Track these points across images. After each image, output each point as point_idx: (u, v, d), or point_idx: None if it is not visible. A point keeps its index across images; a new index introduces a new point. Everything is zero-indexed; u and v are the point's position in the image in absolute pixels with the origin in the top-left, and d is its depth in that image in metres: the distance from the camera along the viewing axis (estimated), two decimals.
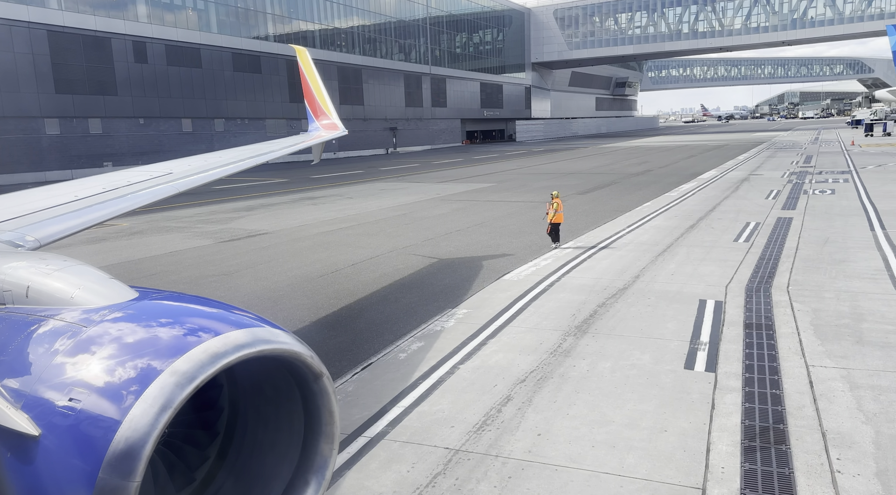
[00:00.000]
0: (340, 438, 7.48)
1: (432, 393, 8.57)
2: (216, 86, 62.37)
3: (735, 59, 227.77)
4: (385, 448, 7.20)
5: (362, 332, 11.39)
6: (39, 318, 2.69)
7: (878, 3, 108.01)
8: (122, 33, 53.18)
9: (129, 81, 54.21)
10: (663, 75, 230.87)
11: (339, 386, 9.02)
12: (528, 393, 8.41)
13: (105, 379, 2.24)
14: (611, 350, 9.87)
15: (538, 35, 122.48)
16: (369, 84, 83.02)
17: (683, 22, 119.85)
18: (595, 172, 44.21)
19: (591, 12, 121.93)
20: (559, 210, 17.98)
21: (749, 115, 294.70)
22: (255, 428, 3.03)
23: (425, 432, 7.51)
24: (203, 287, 14.92)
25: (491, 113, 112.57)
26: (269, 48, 67.94)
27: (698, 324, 10.93)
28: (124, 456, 2.10)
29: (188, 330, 2.42)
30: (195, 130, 60.93)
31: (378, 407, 8.23)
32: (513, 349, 10.09)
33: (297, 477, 2.86)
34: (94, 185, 7.13)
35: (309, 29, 73.79)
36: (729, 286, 13.28)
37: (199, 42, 60.20)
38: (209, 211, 28.49)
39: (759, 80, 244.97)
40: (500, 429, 7.47)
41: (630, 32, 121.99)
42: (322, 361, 2.65)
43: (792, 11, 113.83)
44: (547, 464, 6.68)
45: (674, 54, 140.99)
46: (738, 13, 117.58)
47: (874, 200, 24.46)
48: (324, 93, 17.63)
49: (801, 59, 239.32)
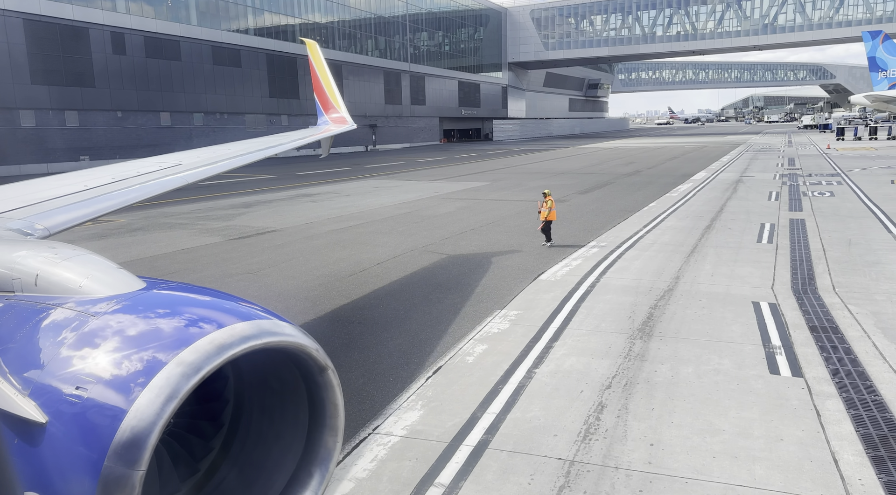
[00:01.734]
0: (440, 446, 7.13)
1: (518, 400, 8.20)
2: (195, 79, 60.98)
3: (703, 63, 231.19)
4: (493, 458, 6.82)
5: (416, 334, 10.95)
6: (48, 307, 2.70)
7: (844, 11, 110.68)
8: (100, 23, 51.60)
9: (107, 73, 52.63)
10: (633, 78, 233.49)
11: (418, 390, 8.60)
12: (620, 400, 8.09)
13: (112, 369, 2.25)
14: (686, 354, 9.61)
15: (515, 35, 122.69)
16: (349, 80, 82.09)
17: (658, 25, 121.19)
18: (586, 172, 44.22)
19: (566, 13, 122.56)
20: (552, 208, 18.06)
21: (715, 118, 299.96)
22: (260, 419, 3.03)
23: (529, 441, 7.14)
24: (231, 285, 14.31)
25: (469, 112, 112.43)
26: (249, 42, 66.72)
27: (762, 327, 10.74)
28: (130, 445, 2.11)
29: (195, 321, 2.42)
30: (174, 124, 59.48)
31: (467, 414, 7.84)
32: (583, 353, 9.77)
33: (301, 469, 2.86)
34: (103, 175, 7.11)
35: (289, 23, 72.66)
36: (774, 288, 13.15)
37: (179, 34, 58.77)
38: (206, 207, 27.64)
39: (726, 83, 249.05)
40: (608, 439, 7.13)
41: (605, 34, 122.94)
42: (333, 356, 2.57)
43: (763, 17, 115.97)
44: (674, 477, 6.36)
45: (647, 57, 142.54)
46: (711, 17, 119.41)
47: (877, 203, 24.74)
48: (333, 87, 17.39)
49: (766, 64, 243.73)
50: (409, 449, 7.09)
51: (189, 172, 8.12)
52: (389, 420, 7.80)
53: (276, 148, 11.47)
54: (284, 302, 13.06)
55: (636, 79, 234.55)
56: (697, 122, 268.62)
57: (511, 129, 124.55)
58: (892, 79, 62.28)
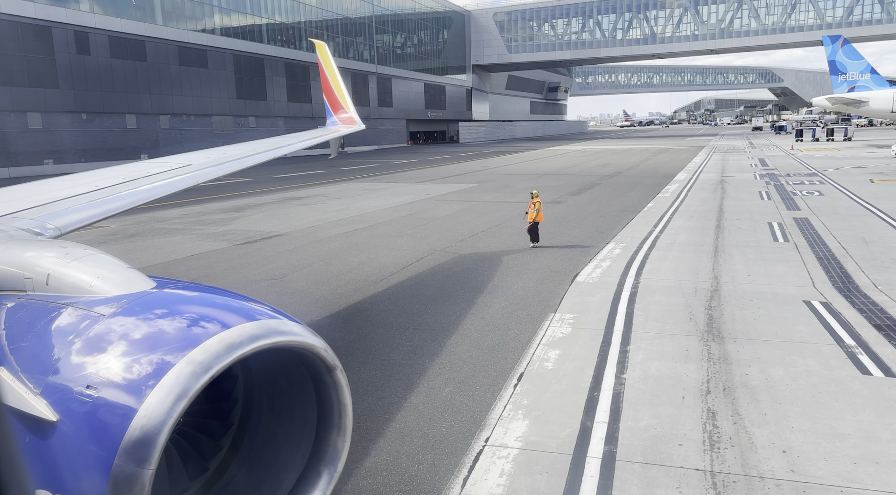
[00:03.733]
0: (564, 458, 6.76)
1: (622, 407, 7.89)
2: (161, 80, 59.26)
3: (657, 67, 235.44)
4: (628, 470, 6.49)
5: (480, 340, 10.55)
6: (59, 306, 2.70)
7: (795, 16, 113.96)
8: (63, 22, 49.68)
9: (71, 74, 50.73)
10: (590, 81, 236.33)
11: (511, 399, 8.22)
12: (728, 406, 7.85)
13: (122, 368, 2.24)
14: (767, 356, 9.44)
15: (478, 38, 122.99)
16: (317, 81, 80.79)
17: (618, 29, 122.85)
18: (567, 174, 44.34)
19: (529, 17, 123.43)
20: (540, 209, 18.09)
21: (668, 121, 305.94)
22: (269, 419, 3.03)
23: (655, 451, 6.84)
24: (260, 292, 13.68)
25: (435, 114, 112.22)
26: (215, 42, 65.20)
27: (827, 327, 10.66)
28: (140, 444, 2.10)
29: (205, 320, 2.42)
30: (139, 127, 57.67)
31: (575, 424, 7.50)
32: (663, 357, 9.53)
33: (309, 468, 2.86)
34: (114, 175, 7.13)
35: (256, 23, 71.30)
36: (816, 287, 13.14)
37: (144, 34, 57.04)
38: (196, 211, 26.67)
39: (679, 87, 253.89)
40: (736, 447, 6.88)
41: (567, 38, 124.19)
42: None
43: (719, 22, 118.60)
44: (826, 485, 6.13)
45: (608, 60, 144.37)
46: (669, 22, 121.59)
47: (869, 201, 25.23)
48: (342, 87, 17.14)
49: (717, 68, 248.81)
50: (533, 461, 6.71)
51: (199, 172, 8.06)
52: (497, 431, 7.41)
53: (286, 148, 11.46)
54: (327, 308, 12.52)
55: (592, 82, 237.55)
56: (651, 125, 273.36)
57: (476, 131, 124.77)
58: (852, 81, 64.26)
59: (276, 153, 10.76)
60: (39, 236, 4.71)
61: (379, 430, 7.55)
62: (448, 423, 7.66)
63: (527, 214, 18.32)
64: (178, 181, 7.40)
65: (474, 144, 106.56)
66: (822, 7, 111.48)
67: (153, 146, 58.56)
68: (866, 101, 62.92)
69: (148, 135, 58.37)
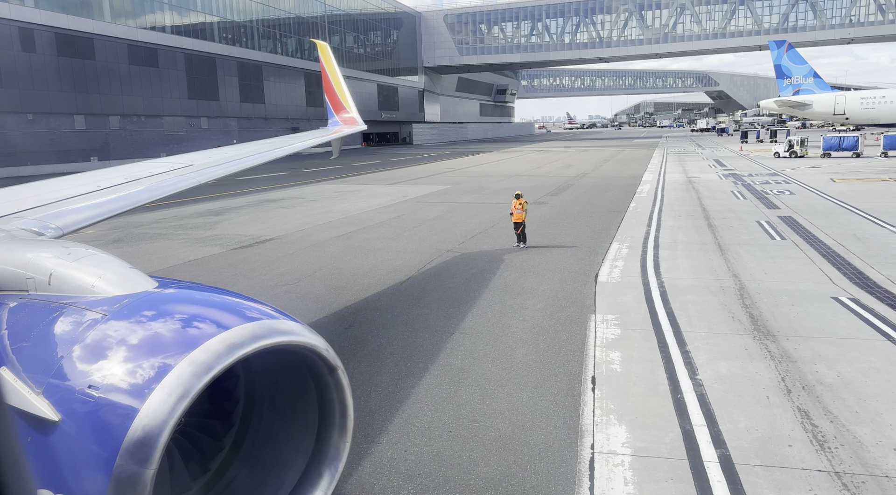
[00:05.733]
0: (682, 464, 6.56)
1: (713, 409, 7.77)
2: (111, 80, 56.90)
3: (600, 71, 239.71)
4: (751, 474, 6.36)
5: (534, 343, 10.32)
6: (61, 306, 2.70)
7: (735, 22, 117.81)
8: (6, 18, 47.14)
9: (16, 72, 48.19)
10: (535, 84, 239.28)
11: (596, 403, 8.01)
12: (814, 404, 7.84)
13: (124, 368, 2.24)
14: (826, 353, 9.50)
15: (430, 39, 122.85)
16: (270, 82, 79.47)
17: (566, 33, 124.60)
18: (535, 175, 44.56)
19: (479, 19, 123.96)
20: (525, 210, 18.13)
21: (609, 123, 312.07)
22: (270, 419, 3.03)
23: (769, 453, 6.74)
24: (280, 298, 13.12)
25: (388, 115, 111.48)
26: (166, 40, 63.05)
27: (868, 322, 10.84)
28: (141, 444, 2.10)
29: (206, 320, 2.41)
30: (89, 128, 55.26)
31: (674, 428, 7.34)
32: (726, 356, 9.49)
33: (310, 468, 2.87)
34: (116, 175, 7.08)
35: (207, 21, 69.33)
36: (836, 284, 13.39)
37: (92, 31, 54.68)
38: (171, 216, 25.58)
39: (620, 90, 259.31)
40: (846, 446, 6.83)
41: (516, 41, 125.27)
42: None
43: (663, 26, 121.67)
44: None
45: (557, 63, 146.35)
46: (615, 26, 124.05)
47: (842, 199, 26.06)
48: (344, 88, 16.96)
49: (657, 72, 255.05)
50: (651, 468, 6.52)
51: (200, 173, 8.04)
52: (598, 437, 7.19)
53: (288, 148, 11.45)
54: (360, 313, 12.08)
55: (538, 85, 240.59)
56: (593, 127, 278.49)
57: (429, 133, 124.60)
58: (797, 85, 66.81)
59: (278, 153, 10.68)
60: (41, 236, 4.68)
61: (476, 439, 7.22)
62: (544, 430, 7.40)
63: (512, 215, 18.26)
64: (180, 181, 7.40)
65: (428, 146, 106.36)
66: (759, 14, 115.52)
67: (103, 148, 56.26)
68: (810, 103, 65.53)
69: (98, 137, 56.00)
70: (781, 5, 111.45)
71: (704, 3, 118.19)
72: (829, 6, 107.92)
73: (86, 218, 5.62)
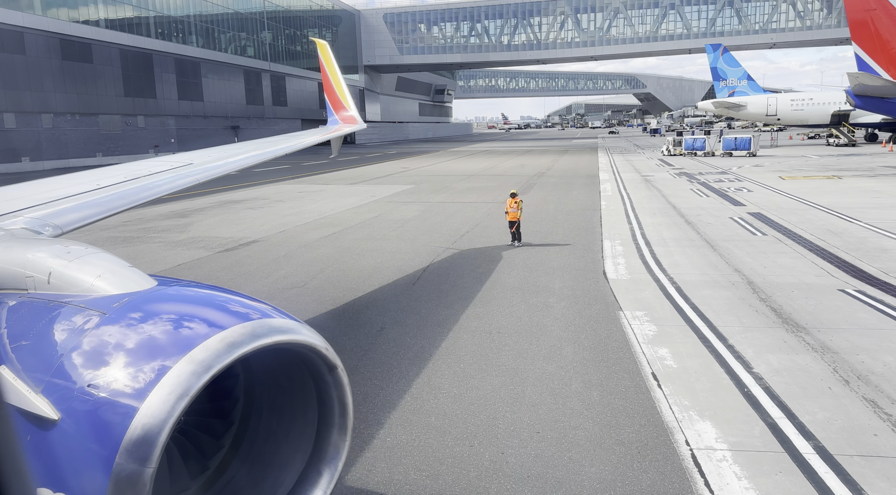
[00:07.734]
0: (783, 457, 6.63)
1: (785, 402, 7.89)
2: (43, 76, 54.02)
3: (534, 72, 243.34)
4: (854, 464, 6.47)
5: (578, 340, 10.29)
6: (60, 305, 2.70)
7: (665, 26, 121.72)
8: None
9: None
10: (471, 85, 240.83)
11: (669, 399, 8.02)
12: (876, 393, 8.08)
13: (123, 367, 2.24)
14: (863, 343, 9.82)
15: (369, 38, 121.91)
16: (209, 79, 77.10)
17: (504, 34, 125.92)
18: (493, 174, 44.75)
19: (419, 19, 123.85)
20: (520, 208, 18.33)
21: (542, 124, 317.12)
22: (270, 418, 3.05)
23: (859, 443, 6.89)
24: (292, 301, 12.67)
25: None
26: (101, 35, 60.31)
27: (887, 314, 11.27)
28: (141, 443, 2.11)
29: (206, 319, 2.42)
30: (20, 126, 52.27)
31: (758, 422, 7.42)
32: (770, 350, 9.69)
33: (309, 467, 2.89)
34: (115, 174, 7.10)
35: (143, 15, 66.67)
36: (836, 276, 13.91)
37: (22, 24, 51.75)
38: (136, 218, 24.37)
39: (553, 91, 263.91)
40: None
41: (456, 41, 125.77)
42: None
43: (598, 29, 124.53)
44: None
45: (496, 64, 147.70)
46: (553, 28, 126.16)
47: (802, 196, 27.12)
48: (343, 87, 16.84)
49: (587, 74, 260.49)
50: (759, 462, 6.55)
51: (200, 172, 8.02)
52: (689, 434, 7.19)
53: (287, 147, 11.43)
54: (386, 315, 11.77)
55: (474, 86, 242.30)
56: (528, 128, 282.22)
57: (371, 133, 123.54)
58: (732, 87, 69.55)
59: (277, 152, 10.65)
60: (40, 235, 4.67)
61: (567, 439, 7.10)
62: (631, 429, 7.34)
63: (507, 213, 18.38)
64: (179, 180, 7.41)
65: (372, 145, 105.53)
66: (688, 18, 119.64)
67: (35, 148, 53.33)
68: (745, 105, 68.29)
69: (29, 136, 53.04)
70: (710, 11, 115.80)
71: (637, 7, 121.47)
72: (753, 12, 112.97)
73: (85, 216, 5.57)
